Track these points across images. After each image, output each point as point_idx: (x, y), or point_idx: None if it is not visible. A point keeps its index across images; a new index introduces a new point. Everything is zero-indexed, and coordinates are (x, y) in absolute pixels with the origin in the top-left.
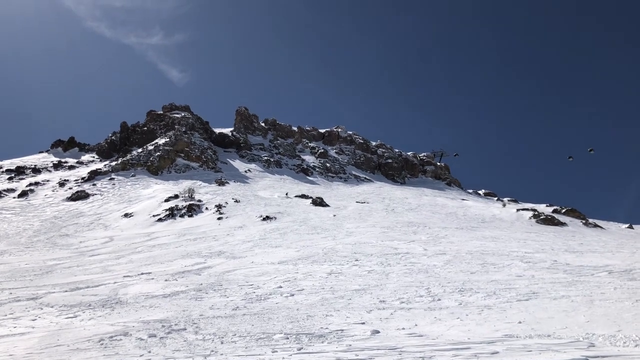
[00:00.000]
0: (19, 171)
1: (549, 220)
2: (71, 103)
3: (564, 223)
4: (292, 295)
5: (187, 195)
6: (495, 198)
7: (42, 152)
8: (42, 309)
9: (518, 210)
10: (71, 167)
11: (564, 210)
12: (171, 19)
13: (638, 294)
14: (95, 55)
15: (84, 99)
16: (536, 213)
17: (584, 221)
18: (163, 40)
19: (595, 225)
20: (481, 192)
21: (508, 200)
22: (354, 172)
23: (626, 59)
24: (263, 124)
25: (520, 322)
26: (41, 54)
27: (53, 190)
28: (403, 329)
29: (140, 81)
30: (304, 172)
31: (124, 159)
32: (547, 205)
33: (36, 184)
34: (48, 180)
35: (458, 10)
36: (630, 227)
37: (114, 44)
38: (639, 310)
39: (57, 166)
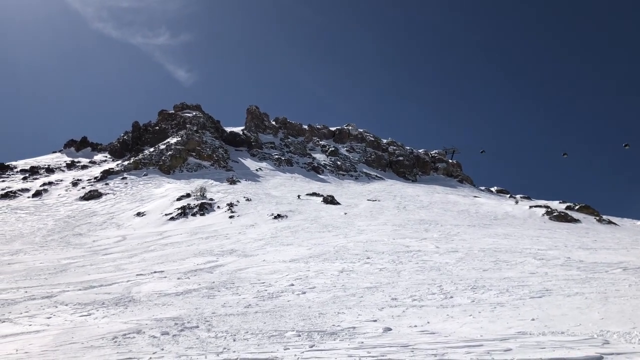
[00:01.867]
0: (33, 171)
1: (562, 217)
2: (81, 103)
3: (578, 220)
4: (304, 293)
5: (198, 194)
6: (508, 195)
7: (55, 152)
8: (56, 307)
9: (531, 207)
10: (84, 167)
11: (577, 207)
12: (177, 19)
13: None
14: (103, 56)
15: (93, 99)
16: (549, 210)
17: (597, 218)
18: (169, 41)
19: (609, 222)
20: (493, 189)
21: (521, 197)
22: (365, 170)
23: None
24: (274, 123)
25: (533, 320)
26: (50, 55)
27: (66, 190)
28: (415, 326)
29: (148, 81)
30: (315, 170)
31: (136, 158)
32: (560, 202)
33: (50, 183)
34: (61, 180)
35: (469, 6)
36: None
37: (121, 45)
38: None
39: (70, 166)
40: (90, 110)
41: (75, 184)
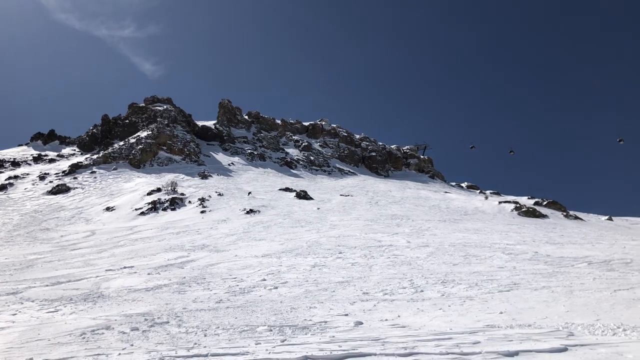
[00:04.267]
0: None
1: (531, 213)
2: (46, 96)
3: (545, 215)
4: (276, 287)
5: (169, 188)
6: (478, 191)
7: (21, 145)
8: (22, 303)
9: (500, 202)
10: (51, 161)
11: (545, 203)
12: (143, 10)
13: (616, 284)
14: (65, 47)
15: (57, 91)
16: (518, 205)
17: (564, 213)
18: (135, 33)
19: (576, 217)
20: (464, 184)
21: (490, 193)
22: (337, 165)
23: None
24: (246, 117)
25: (501, 313)
26: (11, 46)
27: (33, 184)
28: (386, 320)
29: (113, 74)
30: (287, 165)
31: (106, 152)
32: (528, 198)
33: (15, 177)
34: (28, 174)
35: (434, 8)
36: (610, 219)
37: (84, 36)
38: (617, 299)
39: (37, 159)
40: (55, 102)
41: (42, 177)
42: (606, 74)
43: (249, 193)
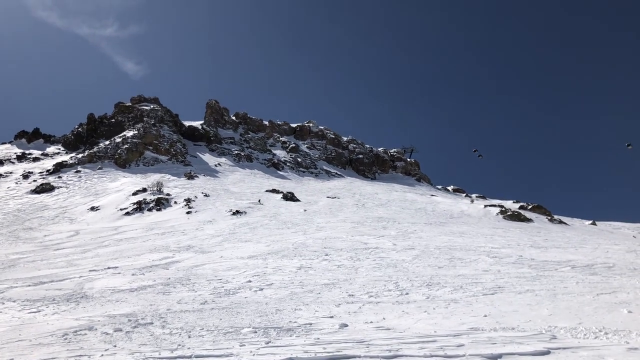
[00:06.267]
0: None
1: (516, 217)
2: (28, 93)
3: (530, 219)
4: (261, 289)
5: (155, 188)
6: (464, 194)
7: (4, 143)
8: (3, 303)
9: (486, 206)
10: (36, 159)
11: (530, 207)
12: (126, 9)
13: (599, 288)
14: (47, 45)
15: (39, 89)
16: (503, 209)
17: (549, 217)
18: (118, 32)
19: (560, 222)
20: (450, 188)
21: (476, 197)
22: (325, 167)
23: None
24: (234, 118)
25: (485, 316)
26: None
27: (16, 183)
28: (371, 322)
29: (95, 73)
30: (275, 166)
31: (91, 151)
32: (514, 202)
33: None
34: (11, 172)
35: (425, 9)
36: (593, 223)
37: (66, 35)
38: (599, 303)
39: (21, 158)
40: (37, 100)
41: (26, 176)
42: (596, 76)
43: (259, 201)
